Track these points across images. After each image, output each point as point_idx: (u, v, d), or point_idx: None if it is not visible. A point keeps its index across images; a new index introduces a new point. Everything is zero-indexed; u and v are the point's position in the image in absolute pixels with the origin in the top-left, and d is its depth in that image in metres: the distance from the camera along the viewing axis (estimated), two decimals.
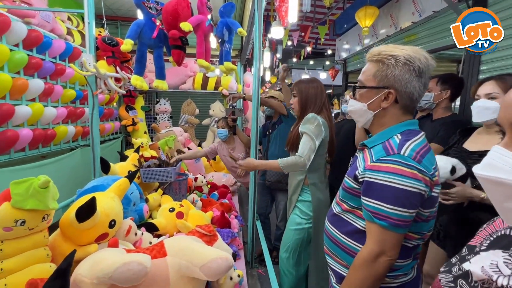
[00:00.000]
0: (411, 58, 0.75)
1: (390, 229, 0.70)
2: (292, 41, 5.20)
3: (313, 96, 1.57)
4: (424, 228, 0.78)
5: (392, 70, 0.76)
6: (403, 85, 0.76)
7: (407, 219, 0.70)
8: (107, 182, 1.27)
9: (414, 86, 0.76)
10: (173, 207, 1.44)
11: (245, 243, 1.94)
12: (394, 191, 0.69)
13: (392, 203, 0.69)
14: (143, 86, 1.70)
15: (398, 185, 0.69)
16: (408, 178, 0.69)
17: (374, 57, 0.80)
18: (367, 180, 0.75)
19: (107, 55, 1.72)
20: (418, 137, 0.77)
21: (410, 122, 0.81)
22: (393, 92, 0.78)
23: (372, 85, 0.81)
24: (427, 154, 0.74)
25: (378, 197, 0.72)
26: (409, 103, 0.79)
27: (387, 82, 0.78)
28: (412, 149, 0.72)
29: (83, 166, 2.35)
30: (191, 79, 3.60)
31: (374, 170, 0.73)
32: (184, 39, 1.71)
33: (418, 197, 0.70)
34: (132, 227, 1.11)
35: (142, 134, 3.31)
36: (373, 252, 0.73)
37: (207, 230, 1.04)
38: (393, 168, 0.70)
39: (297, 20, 3.24)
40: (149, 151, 1.95)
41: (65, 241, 0.93)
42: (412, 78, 0.76)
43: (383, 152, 0.74)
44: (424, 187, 0.70)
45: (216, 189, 2.36)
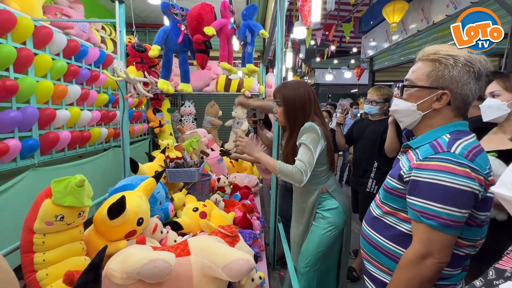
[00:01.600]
0: (472, 59, 0.72)
1: (440, 229, 0.67)
2: (315, 40, 5.11)
3: (301, 104, 1.33)
4: (477, 234, 0.73)
5: (450, 70, 0.74)
6: (459, 87, 0.74)
7: (459, 219, 0.67)
8: (135, 181, 1.33)
9: (471, 88, 0.74)
10: (197, 206, 1.48)
11: (266, 245, 1.94)
12: (444, 190, 0.66)
13: (442, 201, 0.67)
14: (169, 89, 1.77)
15: (449, 183, 0.66)
16: (460, 176, 0.66)
17: (430, 56, 0.77)
18: (413, 179, 0.72)
19: (136, 60, 1.81)
20: (469, 137, 0.74)
21: (460, 123, 0.78)
22: (448, 93, 0.75)
23: (425, 85, 0.78)
24: (481, 154, 0.71)
25: (426, 196, 0.69)
26: (462, 106, 0.76)
27: (443, 83, 0.75)
28: (463, 147, 0.69)
29: (114, 166, 2.51)
30: (214, 81, 3.69)
31: (422, 168, 0.71)
32: (207, 43, 1.75)
33: (471, 196, 0.66)
34: (158, 225, 1.15)
35: (168, 135, 3.44)
36: (418, 253, 0.70)
37: (229, 231, 1.05)
38: (443, 166, 0.68)
39: (321, 19, 3.18)
40: (174, 152, 2.02)
41: (98, 236, 0.99)
42: (470, 80, 0.73)
43: (431, 150, 0.72)
44: (477, 186, 0.66)
45: (238, 190, 2.38)
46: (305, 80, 9.52)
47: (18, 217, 1.53)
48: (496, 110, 1.13)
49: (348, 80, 7.69)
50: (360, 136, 2.23)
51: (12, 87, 1.53)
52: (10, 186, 1.59)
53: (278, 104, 1.39)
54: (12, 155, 1.60)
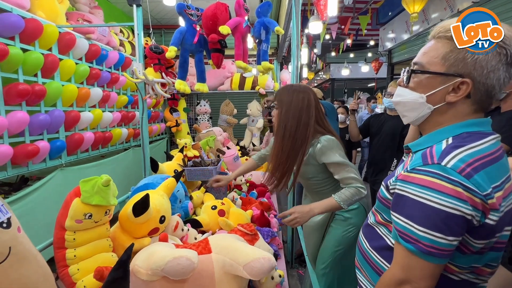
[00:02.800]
0: (505, 38, 0.54)
1: (419, 255, 0.56)
2: (330, 34, 5.00)
3: (296, 110, 1.20)
4: (477, 261, 0.60)
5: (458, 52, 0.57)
6: (484, 75, 0.57)
7: (444, 247, 0.54)
8: (156, 180, 1.37)
9: (499, 77, 0.57)
10: (215, 205, 1.50)
11: (284, 243, 1.94)
12: (427, 211, 0.54)
13: (424, 224, 0.55)
14: (186, 89, 1.80)
15: (434, 203, 0.54)
16: (448, 196, 0.53)
17: (449, 32, 0.58)
18: (397, 193, 0.61)
19: (154, 62, 1.86)
20: (480, 142, 0.58)
21: (475, 122, 0.61)
22: (469, 82, 0.58)
23: (440, 71, 0.61)
24: (489, 167, 0.56)
25: (408, 215, 0.57)
26: (485, 99, 0.60)
27: (463, 69, 0.58)
28: (461, 159, 0.55)
29: (135, 165, 2.59)
30: (229, 80, 3.70)
31: (407, 181, 0.59)
32: (222, 42, 1.76)
33: (460, 222, 0.53)
34: (179, 223, 1.18)
35: (185, 134, 3.51)
36: (395, 278, 0.60)
37: (249, 229, 1.06)
38: (430, 182, 0.55)
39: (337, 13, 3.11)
40: (192, 151, 2.06)
41: (123, 233, 1.03)
42: (500, 66, 0.56)
43: (420, 161, 0.59)
44: (470, 210, 0.53)
45: (255, 188, 2.39)
46: (320, 76, 9.36)
47: (49, 214, 1.63)
48: None
49: (365, 74, 7.46)
50: (378, 132, 2.15)
51: (41, 92, 1.61)
52: (41, 185, 1.69)
53: (276, 107, 1.28)
54: (42, 156, 1.69)
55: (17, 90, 1.49)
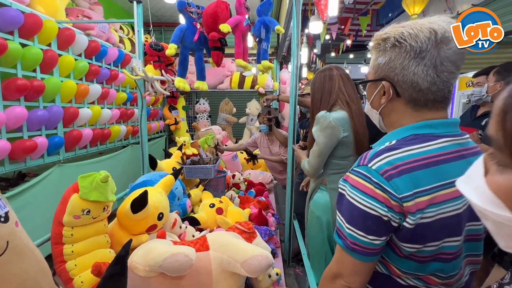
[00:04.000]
0: (402, 36, 0.58)
1: (346, 251, 0.59)
2: (330, 34, 5.00)
3: (320, 87, 1.32)
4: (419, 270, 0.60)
5: (384, 56, 0.62)
6: (398, 74, 0.60)
7: (365, 245, 0.57)
8: (155, 177, 1.37)
9: (414, 72, 0.58)
10: (213, 203, 1.51)
11: (282, 242, 1.95)
12: (351, 208, 0.58)
13: (349, 221, 0.59)
14: (185, 87, 1.80)
15: (357, 202, 0.57)
16: (367, 196, 0.56)
17: (371, 43, 0.65)
18: (339, 191, 0.65)
19: (154, 59, 1.85)
20: (419, 146, 0.58)
21: (427, 124, 0.61)
22: (385, 84, 0.63)
23: (370, 78, 0.67)
24: (420, 171, 0.56)
25: (342, 212, 0.62)
26: (415, 95, 0.60)
27: (381, 73, 0.63)
28: (388, 162, 0.56)
29: (133, 162, 2.59)
30: (228, 78, 3.70)
31: (345, 180, 0.62)
32: (223, 40, 1.76)
33: (376, 221, 0.56)
34: (177, 220, 1.19)
35: (184, 132, 3.51)
36: (331, 271, 0.64)
37: (247, 227, 1.06)
38: (356, 181, 0.59)
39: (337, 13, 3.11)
40: (190, 149, 2.06)
41: (121, 230, 1.03)
42: (408, 62, 0.58)
43: (357, 162, 0.63)
44: (386, 211, 0.55)
45: (253, 187, 2.39)
46: None
47: (46, 210, 1.62)
48: None
49: (364, 76, 7.46)
50: None
51: (40, 87, 1.61)
52: (38, 181, 1.68)
53: None
54: (40, 151, 1.69)
55: (16, 85, 1.48)
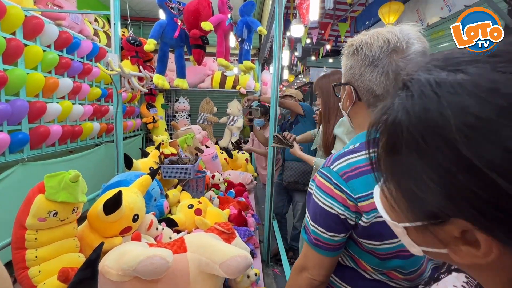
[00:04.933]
0: (361, 45, 0.62)
1: (311, 246, 0.64)
2: (311, 38, 5.12)
3: (333, 96, 1.45)
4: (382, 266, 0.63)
5: (347, 62, 0.66)
6: (357, 79, 0.65)
7: (326, 241, 0.62)
8: (130, 177, 1.31)
9: (369, 78, 0.63)
10: (192, 203, 1.47)
11: (261, 242, 1.95)
12: (315, 206, 0.63)
13: (313, 218, 0.64)
14: (164, 84, 1.75)
15: (318, 200, 0.62)
16: (327, 196, 0.61)
17: (344, 48, 0.68)
18: (308, 191, 0.69)
19: (131, 54, 1.78)
20: None
21: None
22: (347, 88, 0.68)
23: (340, 82, 0.72)
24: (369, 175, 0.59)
25: (308, 209, 0.66)
26: (373, 100, 0.65)
27: (346, 77, 0.68)
28: (348, 164, 0.61)
29: (107, 161, 2.46)
30: (209, 77, 3.65)
31: (313, 180, 0.67)
32: (204, 38, 1.73)
33: (334, 219, 0.60)
34: (153, 222, 1.14)
35: (163, 131, 3.40)
36: (298, 263, 0.69)
37: (226, 228, 1.05)
38: (319, 182, 0.63)
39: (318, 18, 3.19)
40: (169, 148, 2.00)
41: (92, 232, 0.98)
42: (364, 70, 0.63)
43: (323, 163, 0.67)
44: (342, 210, 0.59)
45: (232, 187, 2.38)
46: (300, 78, 9.55)
47: (6, 213, 1.49)
48: None
49: None
50: None
51: (1, 79, 1.48)
52: None
53: (317, 96, 1.52)
54: (1, 149, 1.55)
55: None
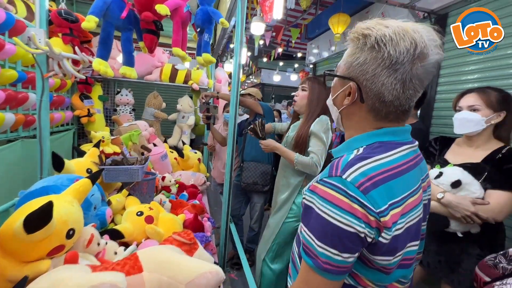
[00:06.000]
0: (384, 39, 0.52)
1: (316, 271, 0.54)
2: (264, 40, 5.19)
3: (323, 98, 1.52)
4: (386, 280, 0.58)
5: (358, 55, 0.56)
6: (368, 79, 0.55)
7: (339, 264, 0.52)
8: (61, 182, 1.07)
9: (383, 82, 0.54)
10: (141, 210, 1.29)
11: (216, 246, 1.85)
12: (325, 225, 0.52)
13: (322, 239, 0.52)
14: (107, 72, 1.49)
15: (331, 218, 0.51)
16: (344, 212, 0.51)
17: (351, 34, 0.58)
18: (305, 203, 0.58)
19: (64, 31, 1.46)
20: (388, 154, 0.56)
21: (389, 131, 0.59)
22: (352, 86, 0.58)
23: (340, 73, 0.61)
24: (392, 181, 0.54)
25: (311, 228, 0.55)
26: (378, 106, 0.57)
27: (352, 72, 0.58)
28: (362, 172, 0.53)
29: (25, 162, 2.00)
30: (158, 70, 3.34)
31: (314, 192, 0.56)
32: (158, 24, 1.54)
33: (353, 239, 0.51)
34: (94, 236, 0.94)
35: (100, 126, 2.96)
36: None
37: (187, 238, 0.93)
38: (329, 195, 0.53)
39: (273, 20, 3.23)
40: (111, 146, 1.73)
41: (5, 256, 0.74)
42: (380, 71, 0.53)
43: (327, 172, 0.57)
44: (363, 227, 0.51)
45: (185, 189, 2.21)
46: (251, 79, 9.64)
47: None
48: (475, 125, 1.13)
49: (294, 83, 8.09)
50: None
51: None
52: None
53: (304, 89, 1.57)
54: None
55: None
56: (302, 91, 1.58)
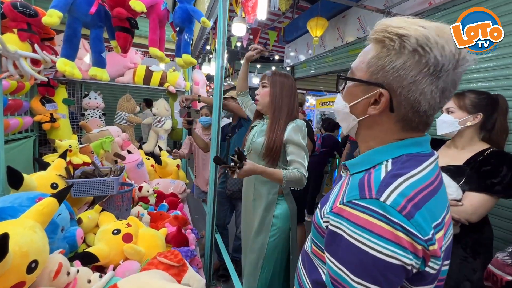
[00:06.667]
0: (428, 42, 0.46)
1: None
2: (241, 42, 5.14)
3: (288, 93, 1.33)
4: None
5: (393, 59, 0.49)
6: (405, 86, 0.49)
7: None
8: (19, 202, 0.91)
9: (423, 91, 0.48)
10: (118, 228, 1.15)
11: (201, 257, 1.74)
12: (363, 257, 0.45)
13: (359, 273, 0.45)
14: (74, 73, 1.33)
15: (371, 249, 0.44)
16: (387, 242, 0.43)
17: (376, 34, 0.51)
18: (330, 229, 0.50)
19: (21, 27, 1.28)
20: (420, 169, 0.50)
21: (415, 141, 0.53)
22: (385, 93, 0.51)
23: (363, 78, 0.54)
24: (430, 201, 0.47)
25: (342, 259, 0.47)
26: (411, 117, 0.51)
27: (383, 77, 0.51)
28: (401, 193, 0.46)
29: None
30: (130, 71, 3.14)
31: (341, 216, 0.48)
32: (133, 21, 1.41)
33: (399, 272, 0.44)
34: (63, 265, 0.80)
35: (68, 133, 2.69)
36: None
37: (175, 260, 0.83)
38: (366, 221, 0.45)
39: (256, 20, 3.18)
40: (79, 156, 1.55)
41: None
42: (422, 78, 0.47)
43: (357, 192, 0.49)
44: (411, 259, 0.44)
45: (164, 199, 2.07)
46: (228, 82, 9.54)
47: None
48: (449, 126, 1.19)
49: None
50: None
51: None
52: None
53: (264, 85, 1.38)
54: None
55: None
56: (263, 88, 1.38)
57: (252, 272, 1.37)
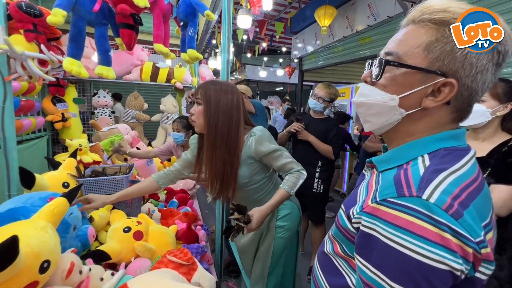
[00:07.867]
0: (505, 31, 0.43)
1: None
2: (247, 35, 5.06)
3: (226, 108, 1.09)
4: None
5: None
6: (471, 75, 0.44)
7: None
8: (32, 202, 0.92)
9: (485, 80, 0.45)
10: (129, 226, 1.16)
11: (212, 252, 1.75)
12: (403, 261, 0.40)
13: (399, 279, 0.40)
14: (81, 72, 1.33)
15: (412, 252, 0.39)
16: (432, 244, 0.38)
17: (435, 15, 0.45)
18: (363, 231, 0.45)
19: (27, 28, 1.28)
20: (461, 163, 0.45)
21: (451, 134, 0.48)
22: (454, 83, 0.44)
23: (420, 65, 0.46)
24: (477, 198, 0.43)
25: (378, 263, 0.43)
26: (465, 107, 0.47)
27: (450, 65, 0.44)
28: (446, 190, 0.41)
29: None
30: (137, 68, 3.14)
31: (376, 216, 0.43)
32: (137, 17, 1.39)
33: (445, 277, 0.39)
34: (75, 264, 0.81)
35: (78, 132, 2.74)
36: None
37: (184, 259, 0.83)
38: (407, 222, 0.40)
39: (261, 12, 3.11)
40: (90, 154, 1.57)
41: None
42: (489, 67, 0.44)
43: (393, 189, 0.43)
44: (460, 263, 0.38)
45: (174, 195, 2.08)
46: (235, 75, 9.48)
47: None
48: (480, 116, 1.09)
49: (281, 78, 7.94)
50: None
51: None
52: None
53: (198, 102, 1.11)
54: None
55: None
56: (198, 105, 1.12)
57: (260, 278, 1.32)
